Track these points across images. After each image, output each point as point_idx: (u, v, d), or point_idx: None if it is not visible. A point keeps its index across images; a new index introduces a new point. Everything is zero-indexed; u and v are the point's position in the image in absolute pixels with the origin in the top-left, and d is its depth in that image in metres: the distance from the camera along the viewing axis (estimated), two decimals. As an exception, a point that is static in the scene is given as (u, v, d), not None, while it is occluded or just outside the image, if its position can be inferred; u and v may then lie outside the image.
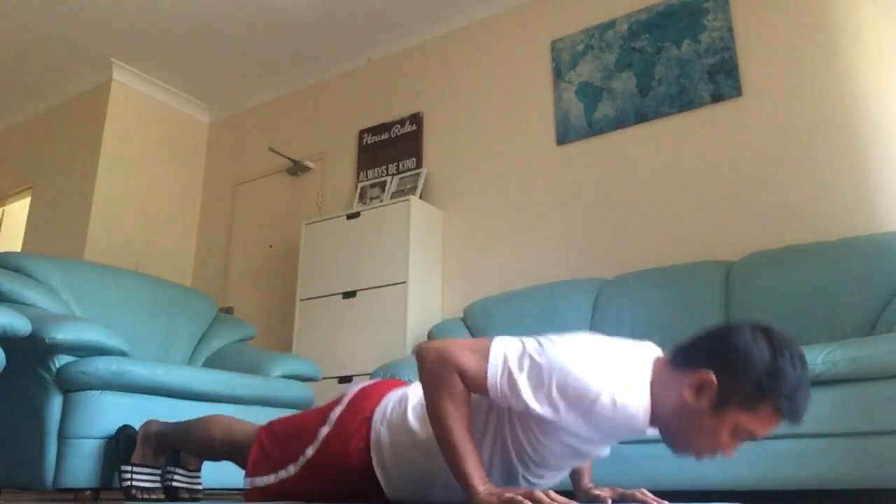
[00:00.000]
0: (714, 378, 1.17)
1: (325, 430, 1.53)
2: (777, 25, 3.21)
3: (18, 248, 5.08)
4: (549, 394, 1.19)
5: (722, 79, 3.27)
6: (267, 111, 5.20)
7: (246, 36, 4.60)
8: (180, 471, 2.03)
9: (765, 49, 3.21)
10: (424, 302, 3.72)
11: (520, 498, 1.10)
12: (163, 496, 1.97)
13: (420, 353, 1.28)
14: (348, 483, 1.52)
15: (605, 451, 1.42)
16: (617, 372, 1.21)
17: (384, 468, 1.46)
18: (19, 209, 5.46)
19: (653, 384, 1.23)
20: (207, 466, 2.12)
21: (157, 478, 1.98)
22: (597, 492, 1.45)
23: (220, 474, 2.34)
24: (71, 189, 4.85)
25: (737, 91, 3.22)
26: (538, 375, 1.19)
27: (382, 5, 4.29)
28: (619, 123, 3.53)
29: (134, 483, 1.94)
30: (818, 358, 1.97)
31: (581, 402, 1.18)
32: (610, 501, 1.35)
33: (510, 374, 1.21)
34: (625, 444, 2.22)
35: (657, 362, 1.27)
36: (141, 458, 1.98)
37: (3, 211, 5.66)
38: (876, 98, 2.91)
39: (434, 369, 1.24)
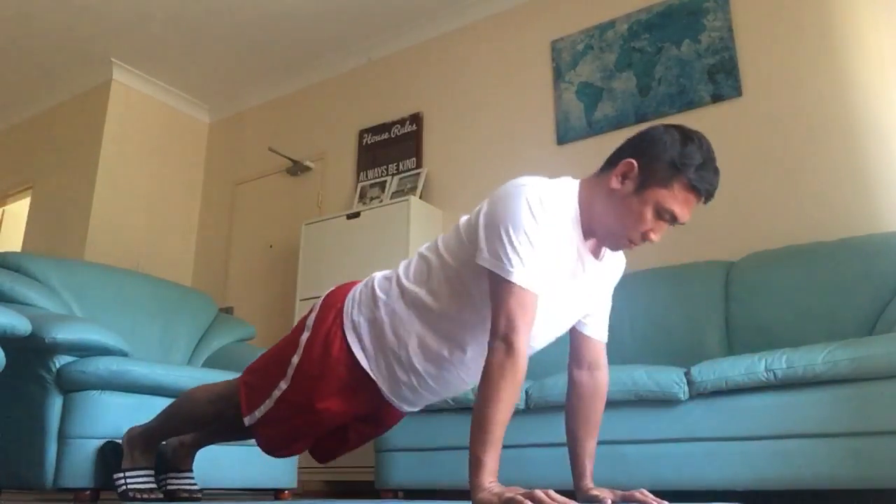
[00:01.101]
0: (635, 163, 1.37)
1: (305, 336, 1.58)
2: (777, 25, 3.21)
3: (18, 248, 5.08)
4: (537, 243, 1.32)
5: (722, 79, 3.27)
6: (267, 111, 5.20)
7: (246, 36, 4.60)
8: (172, 474, 2.01)
9: (765, 49, 3.21)
10: (424, 302, 3.72)
11: (520, 498, 1.11)
12: (161, 495, 1.96)
13: (501, 349, 1.27)
14: (338, 377, 1.53)
15: (578, 311, 1.52)
16: (540, 182, 1.43)
17: (364, 349, 1.51)
18: (19, 209, 5.47)
19: (579, 193, 1.44)
20: (207, 467, 2.11)
21: (152, 477, 1.96)
22: (597, 492, 1.45)
23: (221, 474, 2.34)
24: (71, 189, 4.85)
25: (737, 91, 3.22)
26: (527, 241, 1.32)
27: (382, 5, 4.29)
28: (619, 123, 3.53)
29: (129, 486, 1.91)
30: (818, 358, 1.97)
31: (516, 221, 1.33)
32: (610, 501, 1.36)
33: (535, 267, 1.30)
34: (625, 444, 2.22)
35: (584, 181, 1.48)
36: (131, 463, 1.95)
37: (3, 211, 5.67)
38: (876, 98, 2.91)
39: (516, 364, 1.25)
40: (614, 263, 1.59)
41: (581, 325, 1.58)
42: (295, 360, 1.56)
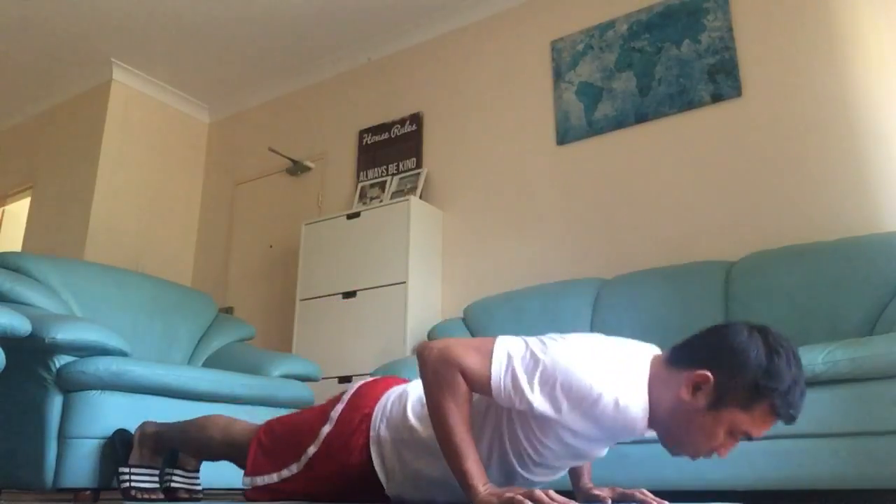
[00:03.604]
0: (711, 377, 1.18)
1: (326, 429, 1.53)
2: (777, 25, 3.21)
3: (18, 248, 5.08)
4: (552, 393, 1.19)
5: (722, 79, 3.27)
6: (267, 111, 5.20)
7: (246, 36, 4.60)
8: (179, 472, 2.02)
9: (765, 49, 3.21)
10: (424, 302, 3.72)
11: (520, 498, 1.10)
12: (162, 496, 1.96)
13: (422, 352, 1.28)
14: (350, 481, 1.52)
15: (603, 452, 1.42)
16: (619, 372, 1.22)
17: (384, 465, 1.46)
18: (19, 209, 5.47)
19: (650, 383, 1.24)
20: (207, 466, 2.11)
21: (156, 478, 1.98)
22: (597, 492, 1.45)
23: (220, 474, 2.34)
24: (71, 189, 4.85)
25: (737, 91, 3.22)
26: (541, 375, 1.20)
27: (382, 5, 4.29)
28: (619, 123, 3.53)
29: (133, 484, 1.93)
30: (818, 358, 1.97)
31: (583, 401, 1.19)
32: (610, 501, 1.35)
33: (514, 373, 1.21)
34: (625, 444, 2.22)
35: (655, 361, 1.28)
36: (139, 459, 1.97)
37: (3, 211, 5.66)
38: (876, 98, 2.91)
39: (437, 368, 1.24)
40: None
41: None
42: (311, 450, 1.53)
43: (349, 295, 3.81)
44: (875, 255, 2.51)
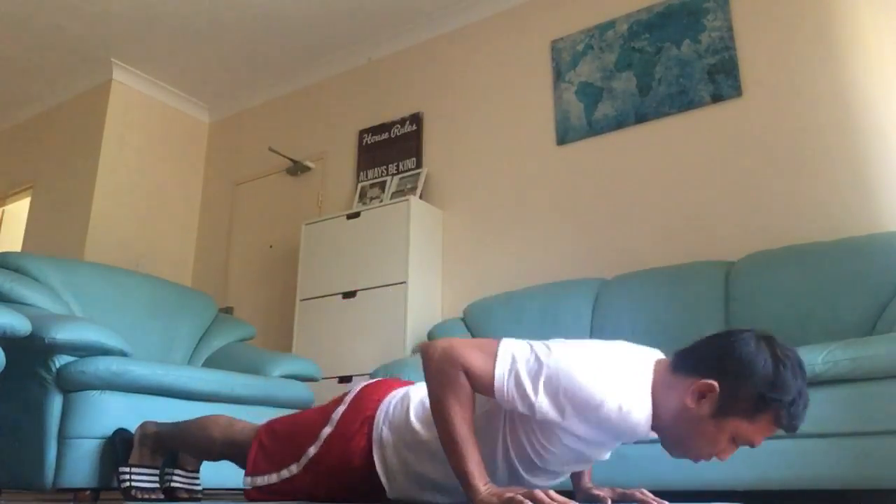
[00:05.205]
0: (717, 386, 1.19)
1: (327, 430, 1.53)
2: (777, 25, 3.21)
3: (18, 248, 5.08)
4: (555, 397, 1.19)
5: (722, 79, 3.27)
6: (267, 111, 5.20)
7: (246, 36, 4.60)
8: (179, 472, 2.03)
9: (765, 49, 3.21)
10: (424, 302, 3.72)
11: (520, 498, 1.10)
12: (162, 496, 1.96)
13: (426, 351, 1.28)
14: (350, 483, 1.52)
15: (606, 455, 1.43)
16: (622, 377, 1.22)
17: (386, 468, 1.46)
18: (19, 209, 5.47)
19: (654, 388, 1.24)
20: (207, 466, 2.12)
21: (156, 478, 1.98)
22: (597, 492, 1.45)
23: (220, 474, 2.34)
24: (71, 189, 4.85)
25: (737, 91, 3.22)
26: (546, 379, 1.20)
27: (382, 5, 4.29)
28: (619, 123, 3.53)
29: (133, 483, 1.94)
30: (818, 358, 1.96)
31: (587, 406, 1.19)
32: (610, 501, 1.35)
33: (517, 375, 1.21)
34: (625, 445, 2.22)
35: (659, 366, 1.28)
36: (139, 459, 1.97)
37: (3, 211, 5.67)
38: (876, 98, 2.91)
39: (441, 367, 1.24)
40: None
41: None
42: (312, 450, 1.53)
43: (349, 295, 3.81)
44: (875, 255, 2.51)
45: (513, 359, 1.23)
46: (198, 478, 2.07)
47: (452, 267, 3.92)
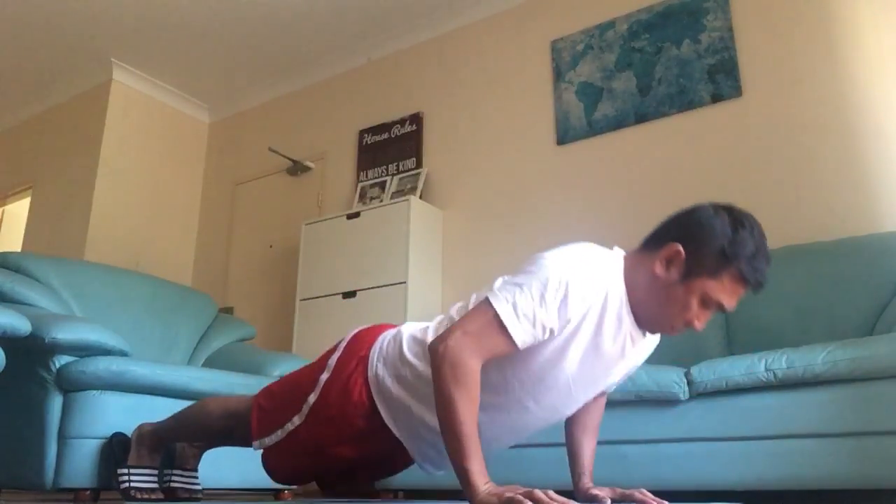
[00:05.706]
0: (681, 249, 1.29)
1: (324, 376, 1.55)
2: (777, 25, 3.21)
3: (18, 248, 5.08)
4: (552, 304, 1.25)
5: (722, 79, 3.27)
6: (267, 111, 5.20)
7: (246, 36, 4.60)
8: (178, 471, 2.02)
9: (765, 49, 3.21)
10: (424, 302, 3.72)
11: (520, 497, 1.10)
12: (161, 496, 1.96)
13: (436, 348, 1.25)
14: (355, 426, 1.51)
15: (615, 376, 1.46)
16: (590, 261, 1.32)
17: (387, 406, 1.48)
18: (19, 209, 5.47)
19: (626, 271, 1.34)
20: (207, 467, 2.11)
21: (155, 477, 1.97)
22: (596, 491, 1.45)
23: (220, 474, 2.34)
24: (71, 189, 4.85)
25: (737, 91, 3.22)
26: (539, 295, 1.25)
27: (382, 5, 4.29)
28: (619, 123, 3.53)
29: (132, 484, 1.93)
30: (818, 358, 1.97)
31: (568, 294, 1.26)
32: (609, 501, 1.35)
33: (527, 317, 1.24)
34: (625, 444, 2.22)
35: (627, 255, 1.39)
36: (137, 460, 1.96)
37: (3, 211, 5.67)
38: (876, 98, 2.91)
39: (455, 361, 1.23)
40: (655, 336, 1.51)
41: None
42: (311, 398, 1.54)
43: (349, 295, 3.81)
44: (875, 255, 2.51)
45: (514, 309, 1.25)
46: (197, 477, 2.06)
47: (452, 267, 3.92)
